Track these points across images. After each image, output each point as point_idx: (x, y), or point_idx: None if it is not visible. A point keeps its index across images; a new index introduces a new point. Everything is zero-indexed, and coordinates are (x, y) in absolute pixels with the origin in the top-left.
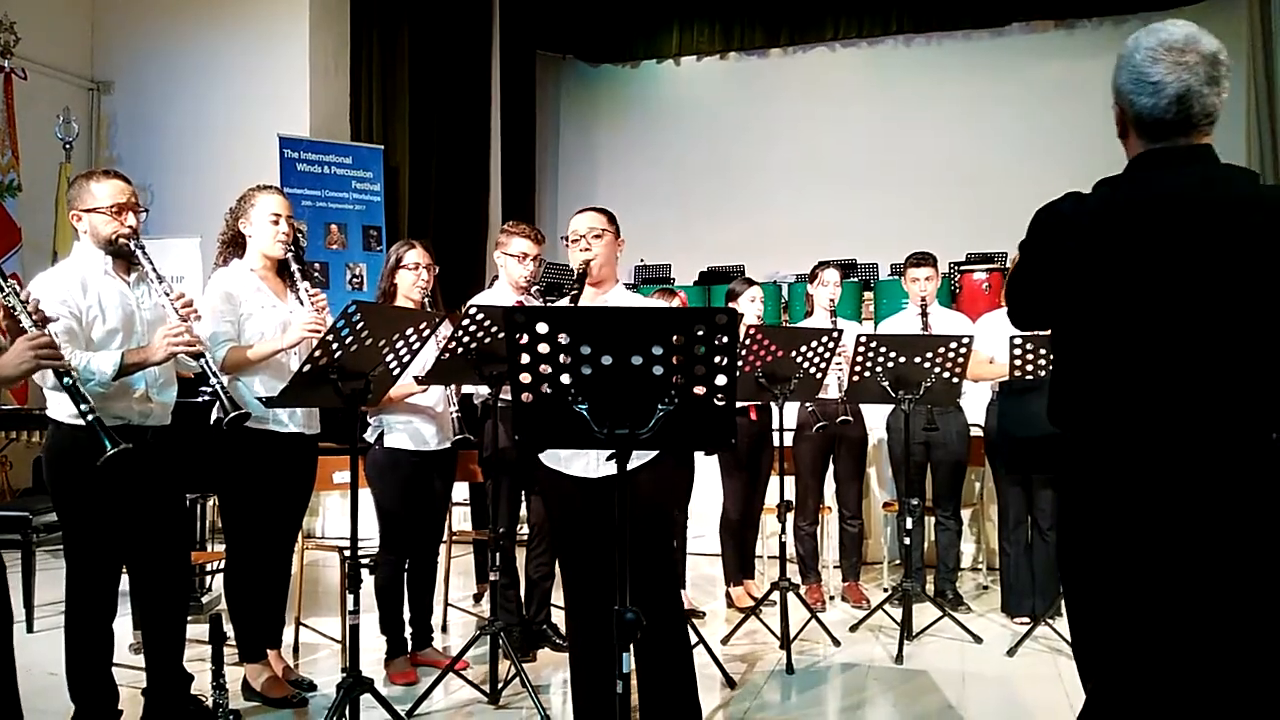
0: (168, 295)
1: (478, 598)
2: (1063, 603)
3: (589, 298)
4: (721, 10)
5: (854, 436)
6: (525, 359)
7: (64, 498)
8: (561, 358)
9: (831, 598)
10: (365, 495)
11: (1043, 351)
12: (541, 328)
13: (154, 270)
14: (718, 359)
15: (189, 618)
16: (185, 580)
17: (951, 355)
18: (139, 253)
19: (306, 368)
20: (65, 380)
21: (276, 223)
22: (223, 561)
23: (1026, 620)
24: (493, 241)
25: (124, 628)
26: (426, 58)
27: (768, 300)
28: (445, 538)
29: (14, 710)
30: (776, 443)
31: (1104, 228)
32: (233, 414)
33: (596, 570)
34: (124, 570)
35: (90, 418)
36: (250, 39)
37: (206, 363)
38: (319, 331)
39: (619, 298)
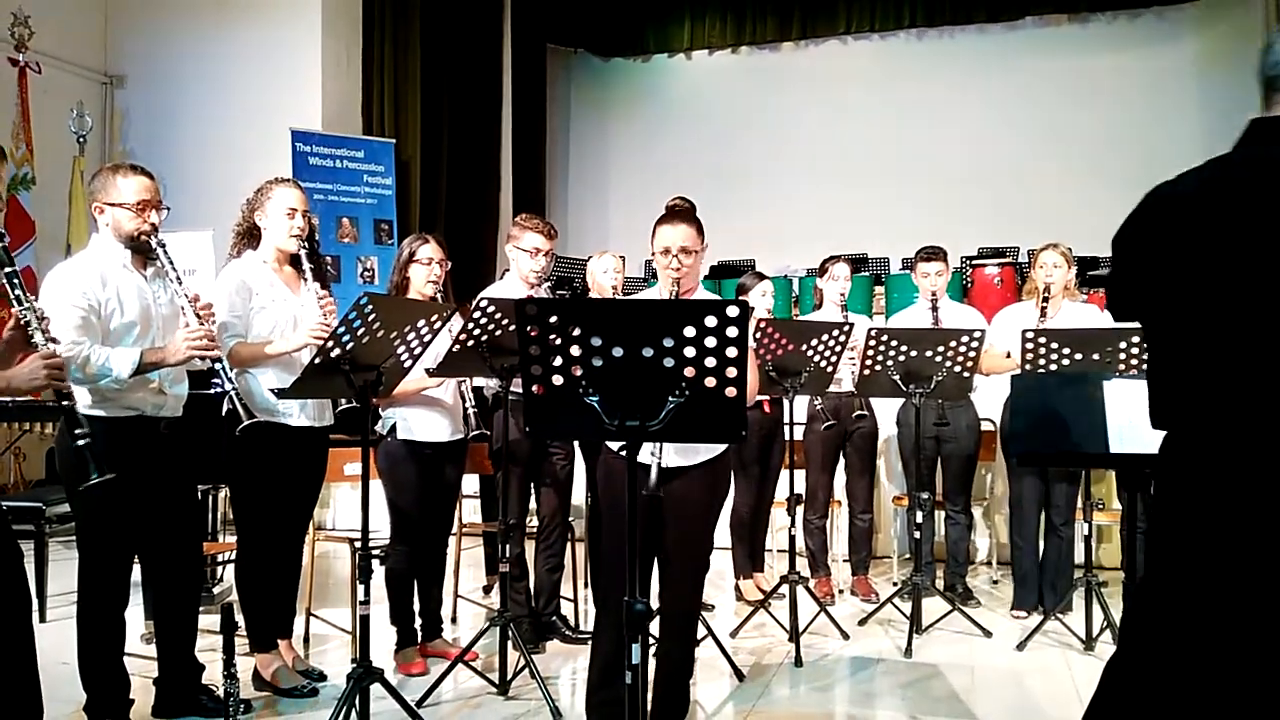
0: (185, 297)
1: (487, 589)
2: (1074, 598)
3: None
4: (733, 3)
5: (864, 430)
6: (536, 351)
7: (76, 488)
8: (572, 350)
9: (841, 591)
10: (376, 487)
11: (1054, 345)
12: (552, 320)
13: (173, 270)
14: (729, 351)
15: (200, 608)
16: (197, 571)
17: (962, 349)
18: (160, 250)
19: (318, 360)
20: (65, 404)
21: (292, 216)
22: (234, 552)
23: (1037, 615)
24: (503, 235)
25: (136, 617)
26: (438, 51)
27: (778, 294)
28: (455, 530)
29: (34, 693)
30: (787, 436)
31: (1206, 205)
32: (246, 423)
33: (641, 560)
34: (136, 560)
35: (82, 443)
36: (262, 33)
37: (223, 368)
38: (323, 337)
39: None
